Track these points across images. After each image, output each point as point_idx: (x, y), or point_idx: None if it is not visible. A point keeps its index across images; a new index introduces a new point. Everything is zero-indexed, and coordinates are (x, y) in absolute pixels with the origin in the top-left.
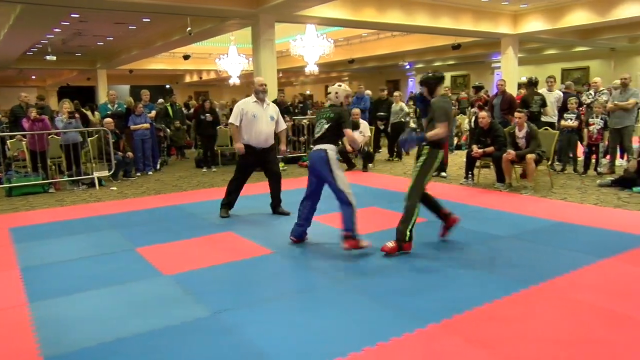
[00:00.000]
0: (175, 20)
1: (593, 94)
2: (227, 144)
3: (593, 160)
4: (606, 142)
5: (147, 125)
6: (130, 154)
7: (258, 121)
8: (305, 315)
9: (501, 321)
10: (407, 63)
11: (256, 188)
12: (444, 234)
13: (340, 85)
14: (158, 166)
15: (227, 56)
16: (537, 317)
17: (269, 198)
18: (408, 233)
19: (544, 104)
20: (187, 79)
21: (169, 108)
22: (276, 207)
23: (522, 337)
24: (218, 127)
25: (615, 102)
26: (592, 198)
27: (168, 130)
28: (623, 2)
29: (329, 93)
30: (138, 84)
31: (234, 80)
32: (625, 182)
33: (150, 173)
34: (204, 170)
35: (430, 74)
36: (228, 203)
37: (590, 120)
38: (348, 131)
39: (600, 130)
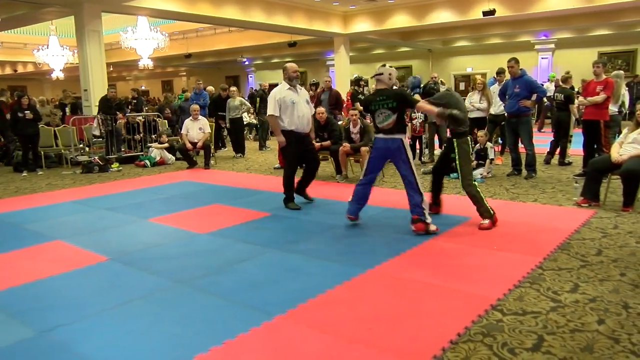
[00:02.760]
0: None
1: None
2: (51, 144)
3: (417, 150)
4: (427, 134)
5: None
6: None
7: (298, 106)
8: (147, 321)
9: (341, 305)
10: (245, 59)
11: (85, 192)
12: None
13: (391, 67)
14: None
15: (47, 47)
16: (374, 297)
17: (107, 201)
18: (489, 208)
19: None
20: None
21: None
22: (303, 190)
23: (360, 318)
24: (40, 125)
25: (430, 99)
26: None
27: None
28: (437, 9)
29: (381, 74)
30: None
31: (57, 74)
32: None
33: None
34: (25, 174)
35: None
36: (292, 196)
37: (412, 114)
38: (420, 105)
39: (421, 123)
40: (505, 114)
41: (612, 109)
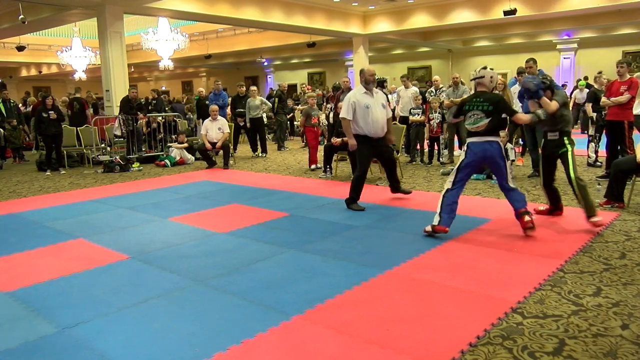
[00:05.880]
0: (3, 5)
1: (434, 91)
2: (73, 144)
3: (435, 151)
4: (446, 135)
5: None
6: None
7: (372, 111)
8: (167, 320)
9: (359, 306)
10: (264, 60)
11: (106, 191)
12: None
13: (492, 69)
14: None
15: (71, 49)
16: (392, 299)
17: (127, 200)
18: (596, 202)
19: (389, 100)
20: (24, 72)
21: (0, 105)
22: (397, 188)
23: (378, 319)
24: (63, 125)
25: (452, 99)
26: (436, 186)
27: (1, 130)
28: (457, 9)
29: (482, 77)
30: None
31: (80, 75)
32: None
33: None
34: (48, 173)
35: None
36: (356, 197)
37: (430, 115)
38: (518, 117)
39: (439, 124)
40: None
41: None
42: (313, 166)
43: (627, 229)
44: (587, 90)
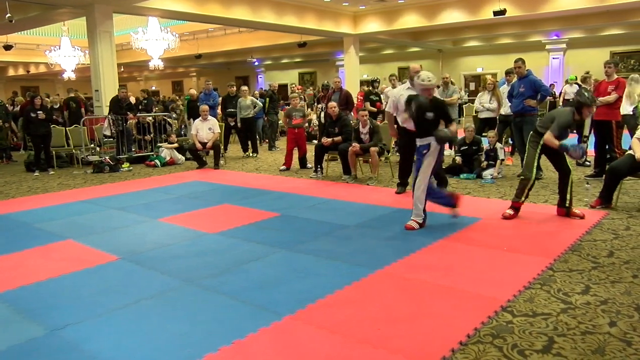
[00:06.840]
0: None
1: None
2: (62, 144)
3: None
4: None
5: None
6: None
7: None
8: (157, 321)
9: (350, 306)
10: (255, 59)
11: (96, 191)
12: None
13: (430, 79)
14: None
15: (59, 48)
16: (383, 298)
17: (117, 200)
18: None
19: (380, 100)
20: (12, 72)
21: None
22: (402, 186)
23: (369, 318)
24: (52, 125)
25: (442, 99)
26: None
27: None
28: (447, 9)
29: None
30: None
31: (69, 75)
32: (453, 170)
33: None
34: (37, 174)
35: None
36: (401, 182)
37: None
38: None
39: None
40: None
41: (628, 109)
42: (282, 167)
43: (614, 227)
44: (577, 86)
